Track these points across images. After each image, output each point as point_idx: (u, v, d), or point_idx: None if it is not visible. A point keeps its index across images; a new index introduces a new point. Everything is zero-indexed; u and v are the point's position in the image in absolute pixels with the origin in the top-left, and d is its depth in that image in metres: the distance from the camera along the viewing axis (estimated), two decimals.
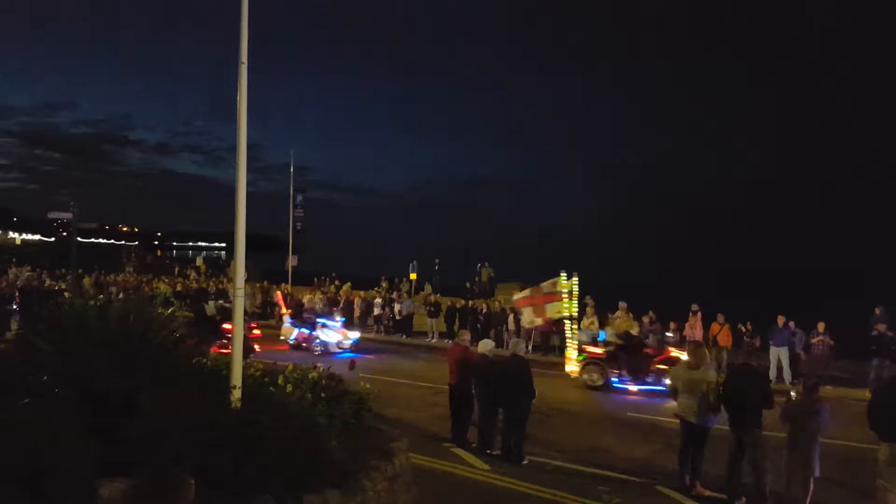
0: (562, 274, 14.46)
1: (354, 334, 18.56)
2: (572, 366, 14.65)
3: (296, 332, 18.64)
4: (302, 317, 19.31)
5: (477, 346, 10.10)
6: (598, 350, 14.55)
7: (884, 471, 6.27)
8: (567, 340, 14.96)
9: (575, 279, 14.47)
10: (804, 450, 6.84)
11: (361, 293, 23.61)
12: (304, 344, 18.06)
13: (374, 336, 21.86)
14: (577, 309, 14.78)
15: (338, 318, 19.17)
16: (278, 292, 23.24)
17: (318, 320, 18.37)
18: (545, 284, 15.00)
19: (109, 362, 5.33)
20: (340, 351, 17.49)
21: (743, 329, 15.84)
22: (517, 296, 16.54)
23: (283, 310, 20.64)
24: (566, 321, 14.76)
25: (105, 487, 4.61)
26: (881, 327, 14.22)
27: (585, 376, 14.26)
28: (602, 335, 15.26)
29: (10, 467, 4.54)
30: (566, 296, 14.40)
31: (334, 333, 17.94)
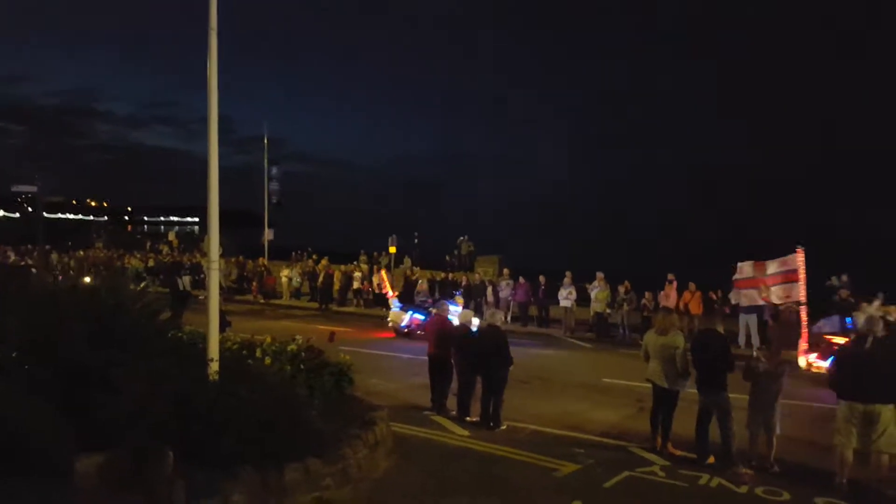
0: (798, 249, 12.24)
1: (477, 320, 16.75)
2: (809, 358, 12.00)
3: (407, 317, 16.34)
4: (414, 300, 17.30)
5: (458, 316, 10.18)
6: (843, 341, 11.04)
7: (841, 427, 6.56)
8: (802, 328, 12.46)
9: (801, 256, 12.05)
10: (767, 410, 7.15)
11: (342, 267, 23.52)
12: (419, 332, 15.49)
13: (354, 309, 21.92)
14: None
15: (460, 301, 16.49)
16: (383, 271, 20.21)
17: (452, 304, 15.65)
18: (771, 262, 12.74)
19: (82, 337, 5.27)
20: None
21: (714, 297, 16.24)
22: (739, 276, 13.74)
23: (390, 292, 18.08)
24: (801, 306, 12.32)
25: (80, 462, 4.61)
26: (843, 293, 14.73)
27: None
28: (849, 321, 12.45)
29: None
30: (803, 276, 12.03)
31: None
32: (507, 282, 19.25)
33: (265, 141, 29.24)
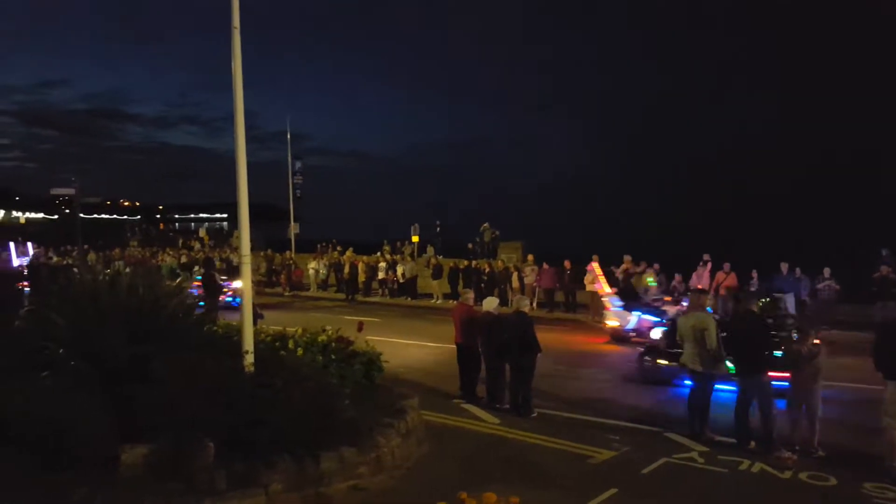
0: None
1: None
2: None
3: (635, 319, 13.57)
4: (640, 299, 14.74)
5: (482, 304, 10.16)
6: None
7: (890, 409, 6.34)
8: None
9: None
10: (806, 392, 6.94)
11: (364, 258, 23.68)
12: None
13: (380, 299, 22.08)
14: None
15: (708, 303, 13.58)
16: (594, 264, 16.45)
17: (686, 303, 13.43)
18: None
19: (122, 333, 5.41)
20: None
21: (748, 286, 15.75)
22: None
23: (606, 289, 15.38)
24: None
25: (126, 453, 4.74)
26: (884, 269, 14.24)
27: None
28: None
29: (35, 438, 4.65)
30: None
31: None
32: (532, 267, 19.14)
33: (288, 137, 29.52)
